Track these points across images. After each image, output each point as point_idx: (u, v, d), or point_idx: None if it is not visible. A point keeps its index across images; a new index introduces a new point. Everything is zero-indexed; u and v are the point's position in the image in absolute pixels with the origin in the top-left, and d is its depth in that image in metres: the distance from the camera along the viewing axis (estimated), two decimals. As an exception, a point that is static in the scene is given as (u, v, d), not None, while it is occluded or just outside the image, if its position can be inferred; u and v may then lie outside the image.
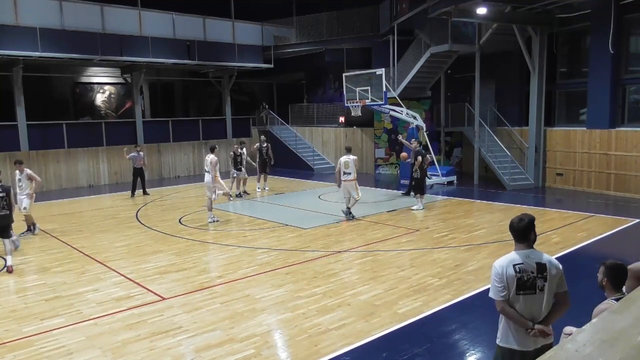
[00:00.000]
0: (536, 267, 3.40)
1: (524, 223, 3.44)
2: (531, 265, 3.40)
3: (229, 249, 9.54)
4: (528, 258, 3.42)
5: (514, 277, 3.38)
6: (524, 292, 3.40)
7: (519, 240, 3.48)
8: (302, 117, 24.82)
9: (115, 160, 19.49)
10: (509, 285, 3.40)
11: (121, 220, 12.40)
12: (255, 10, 23.14)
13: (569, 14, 14.97)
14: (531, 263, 3.41)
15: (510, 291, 3.40)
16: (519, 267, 3.39)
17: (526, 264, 3.40)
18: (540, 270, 3.40)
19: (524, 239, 3.46)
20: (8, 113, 17.66)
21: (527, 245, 3.47)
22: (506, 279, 3.40)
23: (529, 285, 3.39)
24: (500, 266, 3.44)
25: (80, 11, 17.42)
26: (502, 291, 3.42)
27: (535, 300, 3.41)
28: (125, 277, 7.83)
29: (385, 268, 8.07)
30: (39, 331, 5.84)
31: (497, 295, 3.44)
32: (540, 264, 3.41)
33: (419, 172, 12.60)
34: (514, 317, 3.42)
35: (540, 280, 3.39)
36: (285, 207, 13.79)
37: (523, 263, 3.40)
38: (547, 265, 3.42)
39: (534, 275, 3.39)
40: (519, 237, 3.47)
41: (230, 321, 6.01)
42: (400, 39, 18.68)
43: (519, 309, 3.42)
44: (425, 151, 14.13)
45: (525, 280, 3.39)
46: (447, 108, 19.29)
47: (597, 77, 14.42)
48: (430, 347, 5.32)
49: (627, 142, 13.91)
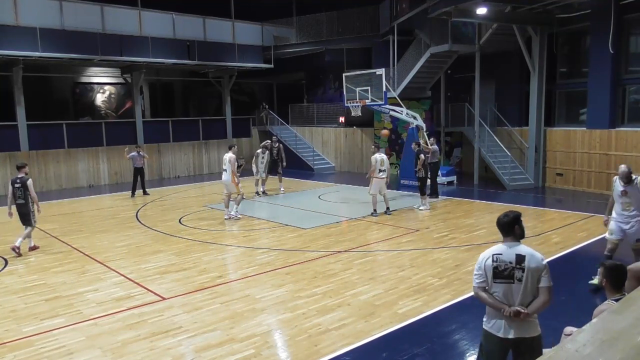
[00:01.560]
0: (515, 258, 3.61)
1: (509, 218, 3.70)
2: (510, 256, 3.62)
3: (229, 249, 9.55)
4: (509, 249, 3.66)
5: (491, 267, 3.66)
6: (500, 280, 3.65)
7: (504, 234, 3.74)
8: (302, 117, 24.83)
9: (115, 160, 19.49)
10: (487, 274, 3.68)
11: (121, 220, 12.40)
12: (255, 10, 23.14)
13: (569, 14, 14.97)
14: (511, 254, 3.63)
15: (488, 279, 3.68)
16: (497, 257, 3.66)
17: (505, 255, 3.64)
18: (519, 262, 3.60)
19: (509, 232, 3.70)
20: (8, 113, 17.66)
21: (512, 239, 3.70)
22: (484, 268, 3.69)
23: (506, 275, 3.63)
24: (482, 256, 3.75)
25: (80, 11, 17.42)
26: (478, 278, 3.75)
27: (512, 289, 3.62)
28: (125, 277, 7.83)
29: (385, 268, 8.07)
30: (39, 331, 5.84)
31: (474, 281, 3.80)
32: (519, 255, 3.62)
33: (422, 171, 12.61)
34: (487, 301, 3.70)
35: (518, 271, 3.60)
36: (285, 207, 13.80)
37: (502, 254, 3.65)
38: (527, 258, 3.60)
39: (512, 266, 3.61)
40: (504, 231, 3.73)
41: (230, 321, 6.01)
42: (400, 39, 18.68)
43: (498, 296, 3.67)
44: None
45: (501, 270, 3.63)
46: (447, 108, 19.28)
47: (597, 77, 14.42)
48: (430, 347, 5.32)
49: (627, 142, 13.91)
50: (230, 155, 11.85)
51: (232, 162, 11.72)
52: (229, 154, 11.90)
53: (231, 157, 11.78)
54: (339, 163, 22.50)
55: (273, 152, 15.99)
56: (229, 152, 11.98)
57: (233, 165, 11.72)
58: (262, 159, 15.23)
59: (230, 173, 11.73)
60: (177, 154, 21.68)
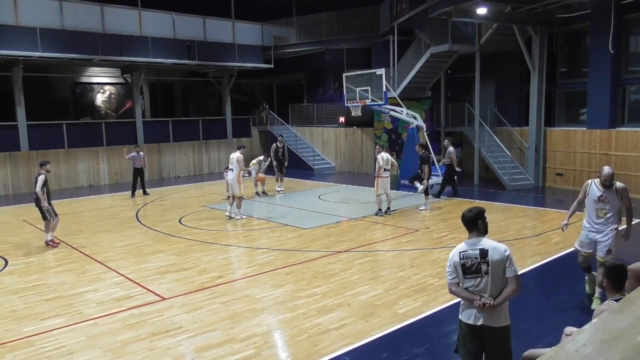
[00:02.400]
0: (479, 253, 3.76)
1: (472, 214, 3.87)
2: (475, 251, 3.78)
3: (229, 249, 9.55)
4: (473, 245, 3.81)
5: (459, 263, 3.82)
6: (469, 275, 3.80)
7: (469, 229, 3.89)
8: (302, 117, 24.83)
9: (115, 160, 19.49)
10: (457, 271, 3.84)
11: (121, 220, 12.40)
12: (255, 10, 23.14)
13: (569, 14, 14.97)
14: (475, 250, 3.78)
15: (459, 275, 3.84)
16: (463, 254, 3.81)
17: (470, 251, 3.80)
18: (483, 256, 3.75)
19: (473, 228, 3.86)
20: (8, 113, 17.66)
21: (476, 234, 3.85)
22: (454, 266, 3.85)
23: (473, 270, 3.79)
24: (451, 254, 3.90)
25: (80, 11, 17.42)
26: (449, 275, 3.91)
27: (482, 282, 3.77)
28: (125, 277, 7.83)
29: (385, 268, 8.07)
30: (39, 331, 5.84)
31: (447, 278, 3.96)
32: (482, 250, 3.77)
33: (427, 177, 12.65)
34: (461, 294, 3.87)
35: (484, 264, 3.75)
36: (285, 207, 13.80)
37: (467, 250, 3.81)
38: (489, 251, 3.75)
39: (478, 261, 3.76)
40: (468, 226, 3.88)
41: (230, 321, 6.01)
42: (400, 39, 18.68)
43: (470, 290, 3.82)
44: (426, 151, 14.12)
45: (469, 266, 3.79)
46: (447, 108, 19.28)
47: (597, 77, 14.42)
48: (430, 347, 5.32)
49: (627, 142, 13.91)
50: (238, 155, 11.86)
51: (240, 162, 11.75)
52: (236, 154, 11.91)
53: (239, 157, 11.80)
54: (339, 163, 22.50)
55: (279, 152, 15.99)
56: (236, 152, 11.98)
57: (241, 164, 11.77)
58: (263, 165, 15.30)
59: (237, 173, 11.75)
60: (177, 154, 21.68)
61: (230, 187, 12.03)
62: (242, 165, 11.83)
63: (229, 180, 12.03)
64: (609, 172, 6.13)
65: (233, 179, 11.83)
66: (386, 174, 11.95)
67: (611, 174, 6.14)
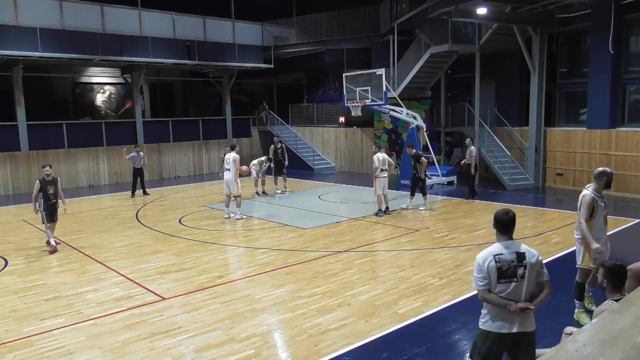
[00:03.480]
0: (516, 257, 3.63)
1: (510, 217, 3.72)
2: (511, 255, 3.63)
3: (229, 249, 9.55)
4: (507, 248, 3.66)
5: (494, 268, 3.62)
6: (504, 280, 3.62)
7: (502, 232, 3.73)
8: (302, 117, 24.83)
9: (115, 160, 19.49)
10: (490, 275, 3.63)
11: (121, 220, 12.40)
12: (255, 10, 23.15)
13: (569, 14, 14.97)
14: (511, 253, 3.64)
15: (491, 280, 3.64)
16: (499, 257, 3.63)
17: (506, 254, 3.63)
18: (520, 259, 3.62)
19: (507, 231, 3.72)
20: (8, 113, 17.67)
21: (508, 238, 3.71)
22: (487, 270, 3.64)
23: (509, 274, 3.61)
24: (482, 258, 3.69)
25: (80, 11, 17.42)
26: (481, 281, 3.67)
27: (517, 287, 3.62)
28: (125, 277, 7.83)
29: (385, 268, 8.07)
30: (39, 331, 5.84)
31: (477, 285, 3.71)
32: (519, 253, 3.64)
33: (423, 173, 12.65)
34: (494, 301, 3.64)
35: (520, 268, 3.61)
36: (285, 207, 13.80)
37: (502, 254, 3.64)
38: (526, 254, 3.63)
39: (514, 264, 3.61)
40: (504, 229, 3.72)
41: (231, 321, 6.01)
42: (400, 39, 18.68)
43: (502, 295, 3.64)
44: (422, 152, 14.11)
45: (505, 270, 3.61)
46: (447, 108, 19.28)
47: (597, 77, 14.42)
48: (430, 347, 5.32)
49: (627, 142, 13.91)
50: (235, 155, 11.91)
51: (237, 162, 11.79)
52: (232, 154, 11.95)
53: (235, 157, 11.85)
54: (339, 163, 22.50)
55: (278, 153, 16.01)
56: (232, 152, 12.02)
57: (237, 164, 11.80)
58: (264, 166, 15.29)
59: (234, 172, 11.78)
60: (177, 154, 21.67)
61: (227, 186, 12.05)
62: (239, 165, 11.87)
63: (226, 180, 12.06)
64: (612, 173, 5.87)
65: (230, 179, 11.85)
66: (384, 174, 11.97)
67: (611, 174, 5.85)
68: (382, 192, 12.01)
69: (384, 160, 12.01)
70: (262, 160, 15.25)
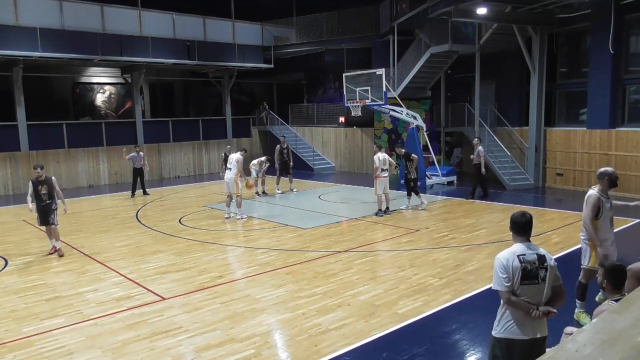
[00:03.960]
0: (537, 258, 3.57)
1: (527, 218, 3.66)
2: (533, 256, 3.57)
3: (229, 249, 9.55)
4: (530, 249, 3.60)
5: (519, 268, 3.53)
6: (527, 282, 3.54)
7: (519, 234, 3.67)
8: (302, 117, 24.83)
9: (115, 160, 19.49)
10: (514, 276, 3.54)
11: (121, 220, 12.40)
12: (255, 10, 23.14)
13: (569, 14, 14.96)
14: (533, 254, 3.58)
15: (514, 282, 3.54)
16: (523, 257, 3.55)
17: (528, 255, 3.57)
18: (541, 261, 3.57)
19: (525, 233, 3.66)
20: (8, 113, 17.66)
21: (526, 239, 3.66)
22: (511, 270, 3.54)
23: (532, 276, 3.54)
24: (505, 258, 3.59)
25: (80, 11, 17.42)
26: (507, 282, 3.55)
27: (538, 290, 3.56)
28: (125, 277, 7.83)
29: (385, 268, 8.07)
30: (39, 331, 5.84)
31: (502, 286, 3.57)
32: (540, 255, 3.59)
33: (415, 172, 12.67)
34: (519, 304, 3.54)
35: (542, 270, 3.55)
36: (285, 207, 13.80)
37: (526, 254, 3.57)
38: (546, 257, 3.60)
39: (537, 266, 3.55)
40: (521, 231, 3.66)
41: (231, 321, 6.01)
42: (400, 39, 18.67)
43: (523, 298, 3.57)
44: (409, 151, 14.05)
45: (529, 271, 3.54)
46: (447, 108, 19.28)
47: (597, 77, 14.42)
48: (430, 347, 5.31)
49: (627, 142, 13.91)
50: (238, 156, 11.98)
51: (239, 163, 11.84)
52: (237, 155, 12.03)
53: (239, 158, 11.91)
54: (339, 163, 22.50)
55: (284, 153, 16.01)
56: (237, 153, 12.11)
57: (240, 165, 11.83)
58: (264, 166, 15.32)
59: (235, 173, 11.80)
60: (177, 154, 21.67)
61: (227, 186, 12.08)
62: (241, 167, 11.89)
63: (226, 180, 12.08)
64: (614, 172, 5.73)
65: (230, 178, 11.87)
66: (384, 174, 11.98)
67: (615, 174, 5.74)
68: (383, 191, 12.02)
69: (384, 160, 12.02)
70: (262, 160, 15.27)
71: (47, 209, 9.07)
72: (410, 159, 12.55)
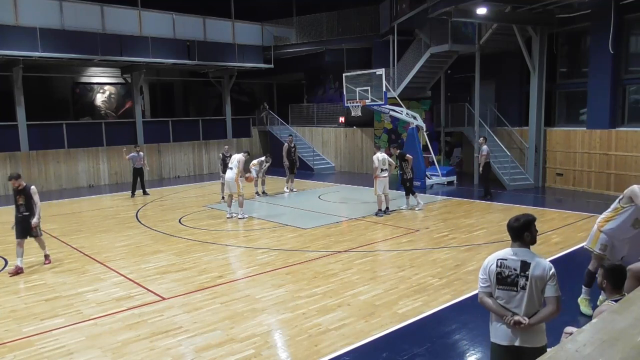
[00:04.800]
0: (520, 265, 3.47)
1: (519, 223, 3.54)
2: (516, 262, 3.48)
3: (229, 249, 9.55)
4: (515, 255, 3.51)
5: (494, 272, 3.53)
6: (503, 287, 3.52)
7: (513, 238, 3.60)
8: (302, 117, 24.83)
9: (115, 160, 19.49)
10: (490, 279, 3.55)
11: (121, 220, 12.40)
12: (255, 10, 23.14)
13: (569, 14, 14.97)
14: (516, 260, 3.49)
15: (492, 284, 3.55)
16: (502, 262, 3.52)
17: (510, 261, 3.50)
18: (524, 269, 3.46)
19: (518, 238, 3.56)
20: (8, 113, 17.66)
21: (520, 245, 3.55)
22: (488, 272, 3.56)
23: (509, 282, 3.49)
24: (487, 260, 3.61)
25: (80, 11, 17.42)
26: (483, 283, 3.60)
27: (515, 298, 3.49)
28: (125, 277, 7.83)
29: (385, 268, 8.07)
30: (39, 331, 5.84)
31: (479, 286, 3.64)
32: (524, 262, 3.46)
33: (411, 172, 12.69)
34: (491, 307, 3.56)
35: (522, 278, 3.46)
36: (285, 207, 13.80)
37: (507, 259, 3.51)
38: (532, 265, 3.45)
39: (517, 273, 3.47)
40: (513, 235, 3.59)
41: (231, 321, 6.01)
42: (400, 39, 18.68)
43: (501, 303, 3.54)
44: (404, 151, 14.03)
45: (505, 276, 3.50)
46: (447, 108, 19.28)
47: (597, 77, 14.41)
48: (430, 347, 5.32)
49: (627, 142, 13.91)
50: (240, 156, 12.02)
51: (240, 163, 11.87)
52: (239, 155, 12.09)
53: (241, 159, 11.95)
54: (339, 163, 22.50)
55: (292, 153, 15.99)
56: (240, 154, 12.17)
57: (241, 166, 11.87)
58: (265, 166, 15.33)
59: (236, 172, 11.83)
60: (177, 154, 21.67)
61: (228, 186, 12.11)
62: (242, 167, 11.91)
63: (227, 179, 12.09)
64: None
65: (231, 178, 11.89)
66: (384, 174, 11.98)
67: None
68: (383, 191, 12.02)
69: (383, 160, 12.03)
70: (262, 160, 15.28)
71: (24, 221, 8.33)
72: (405, 159, 12.59)
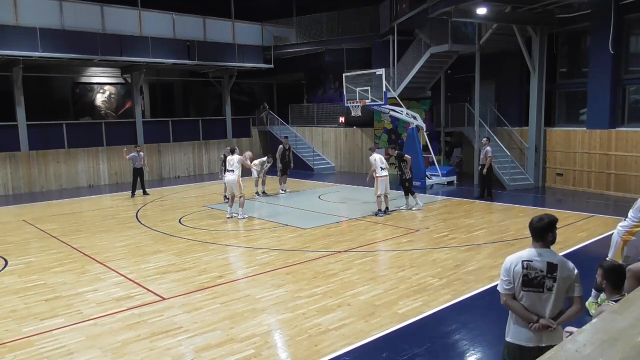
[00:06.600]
0: (546, 267, 3.42)
1: (543, 223, 3.48)
2: (542, 264, 3.43)
3: (229, 249, 9.55)
4: (540, 256, 3.45)
5: (520, 273, 3.44)
6: (530, 289, 3.45)
7: (535, 238, 3.53)
8: (302, 117, 24.82)
9: (115, 160, 19.49)
10: (514, 281, 3.47)
11: (121, 220, 12.40)
12: (255, 10, 23.14)
13: (569, 14, 14.96)
14: (542, 262, 3.43)
15: (515, 286, 3.47)
16: (527, 263, 3.45)
17: (536, 262, 3.44)
18: (550, 270, 3.41)
19: (541, 238, 3.50)
20: (8, 113, 17.66)
21: (543, 245, 3.50)
22: (512, 274, 3.47)
23: (535, 284, 3.43)
24: (510, 261, 3.52)
25: (80, 11, 17.41)
26: (506, 285, 3.51)
27: (542, 299, 3.44)
28: (125, 277, 7.83)
29: (385, 268, 8.07)
30: (39, 331, 5.84)
31: (502, 288, 3.54)
32: (551, 264, 3.42)
33: (410, 173, 12.69)
34: (517, 310, 3.48)
35: (549, 280, 3.41)
36: (285, 207, 13.80)
37: (532, 261, 3.45)
38: (559, 266, 3.42)
39: (543, 274, 3.42)
40: (536, 235, 3.52)
41: (230, 321, 6.01)
42: (400, 39, 18.68)
43: (525, 305, 3.48)
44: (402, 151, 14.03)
45: (531, 278, 3.43)
46: (447, 108, 19.28)
47: (597, 77, 14.42)
48: (430, 347, 5.31)
49: (627, 142, 13.91)
50: (237, 156, 12.09)
51: (240, 162, 11.94)
52: (235, 156, 12.13)
53: (240, 159, 12.01)
54: (339, 163, 22.50)
55: (286, 154, 16.01)
56: (234, 155, 12.21)
57: (245, 163, 11.96)
58: (266, 166, 15.34)
59: (238, 174, 11.87)
60: (177, 154, 21.67)
61: (230, 188, 12.15)
62: (248, 163, 12.05)
63: (229, 182, 12.11)
64: None
65: (234, 180, 11.89)
66: (384, 174, 11.97)
67: None
68: (384, 191, 12.02)
69: (380, 159, 12.05)
70: (263, 160, 15.28)
71: None
72: (404, 159, 12.59)
